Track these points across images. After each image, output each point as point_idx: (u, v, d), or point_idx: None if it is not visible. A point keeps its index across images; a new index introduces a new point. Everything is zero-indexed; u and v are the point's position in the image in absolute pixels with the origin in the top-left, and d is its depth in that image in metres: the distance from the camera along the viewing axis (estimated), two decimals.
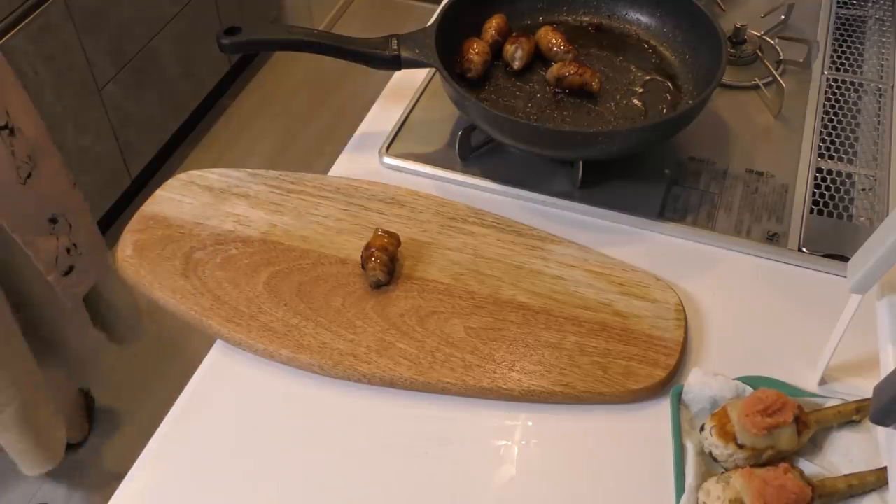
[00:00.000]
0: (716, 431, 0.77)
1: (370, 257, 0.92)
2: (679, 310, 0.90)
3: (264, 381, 0.88)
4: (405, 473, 0.80)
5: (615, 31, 1.21)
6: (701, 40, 1.10)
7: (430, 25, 1.09)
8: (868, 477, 0.75)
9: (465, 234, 0.99)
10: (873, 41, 1.28)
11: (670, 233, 1.01)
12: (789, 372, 0.85)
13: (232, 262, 0.96)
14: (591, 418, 0.84)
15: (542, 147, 1.04)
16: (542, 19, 1.22)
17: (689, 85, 1.12)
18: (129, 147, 2.34)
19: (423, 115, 1.17)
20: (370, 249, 0.92)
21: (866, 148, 1.10)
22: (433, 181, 1.09)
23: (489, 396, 0.85)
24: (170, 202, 1.03)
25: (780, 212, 1.03)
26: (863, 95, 1.19)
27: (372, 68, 1.08)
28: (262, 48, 1.14)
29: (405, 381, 0.85)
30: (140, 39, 2.26)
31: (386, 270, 0.91)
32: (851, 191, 1.05)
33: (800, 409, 0.77)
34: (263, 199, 1.03)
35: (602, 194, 1.05)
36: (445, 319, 0.90)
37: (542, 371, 0.85)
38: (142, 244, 0.98)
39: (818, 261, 0.97)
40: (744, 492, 0.72)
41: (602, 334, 0.88)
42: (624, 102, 1.11)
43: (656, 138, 1.05)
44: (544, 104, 1.11)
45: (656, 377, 0.84)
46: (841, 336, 0.79)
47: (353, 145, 1.15)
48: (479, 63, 1.11)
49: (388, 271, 0.92)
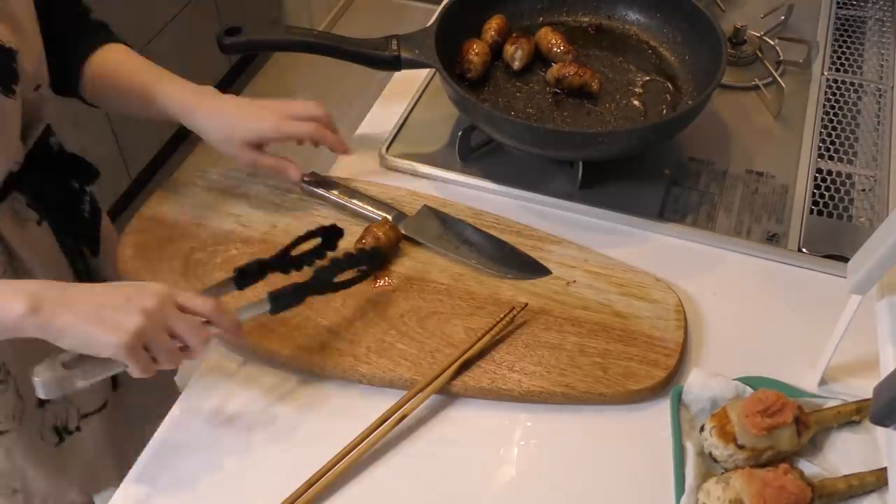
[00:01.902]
0: (716, 432, 0.77)
1: (363, 237, 0.94)
2: (679, 310, 0.90)
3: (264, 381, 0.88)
4: (405, 473, 0.80)
5: (615, 32, 1.21)
6: (701, 41, 1.10)
7: (430, 26, 1.09)
8: (868, 477, 0.75)
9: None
10: (873, 41, 1.28)
11: (670, 233, 1.01)
12: (789, 372, 0.85)
13: (232, 262, 0.95)
14: (592, 419, 0.84)
15: (542, 147, 1.04)
16: (541, 20, 1.22)
17: (688, 85, 1.12)
18: (129, 147, 2.33)
19: (423, 115, 1.17)
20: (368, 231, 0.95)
21: (866, 148, 1.10)
22: (433, 181, 1.08)
23: (489, 396, 0.85)
24: (170, 202, 1.03)
25: (780, 212, 1.02)
26: (863, 96, 1.19)
27: (372, 68, 1.08)
28: (262, 48, 1.14)
29: (405, 381, 0.85)
30: (140, 39, 2.26)
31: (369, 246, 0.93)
32: (851, 191, 1.05)
33: (800, 410, 0.77)
34: (263, 200, 1.03)
35: (602, 194, 1.05)
36: (445, 320, 0.90)
37: (542, 371, 0.85)
38: (142, 244, 0.98)
39: (818, 261, 0.97)
40: (744, 492, 0.71)
41: (602, 335, 0.88)
42: (624, 103, 1.11)
43: (656, 139, 1.05)
44: (544, 104, 1.11)
45: (656, 378, 0.84)
46: (841, 336, 0.79)
47: (353, 145, 1.14)
48: (478, 63, 1.11)
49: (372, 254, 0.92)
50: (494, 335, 0.87)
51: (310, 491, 0.77)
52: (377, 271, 0.93)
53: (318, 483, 0.78)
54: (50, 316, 0.70)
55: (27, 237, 0.91)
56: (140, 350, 0.72)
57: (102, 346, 0.71)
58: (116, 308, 0.71)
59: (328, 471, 0.78)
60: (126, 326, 0.70)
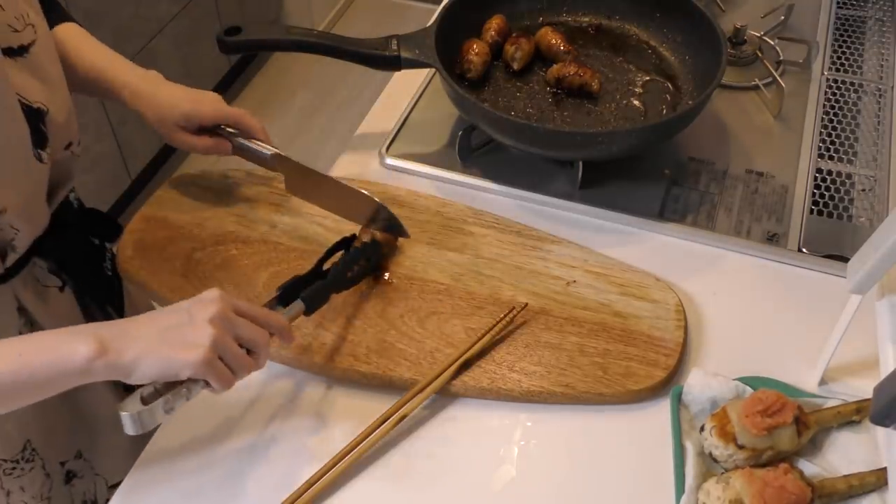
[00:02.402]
0: (716, 432, 0.77)
1: (360, 236, 0.95)
2: (679, 310, 0.90)
3: (264, 381, 0.88)
4: (405, 473, 0.80)
5: (615, 32, 1.21)
6: (701, 41, 1.10)
7: (430, 26, 1.09)
8: (868, 477, 0.75)
9: (464, 235, 0.99)
10: (873, 41, 1.28)
11: (670, 233, 1.01)
12: (789, 372, 0.85)
13: (232, 262, 0.96)
14: (591, 418, 0.84)
15: (542, 147, 1.04)
16: (541, 20, 1.22)
17: (688, 85, 1.12)
18: (129, 147, 2.33)
19: (423, 115, 1.17)
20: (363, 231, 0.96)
21: (866, 148, 1.10)
22: (433, 181, 1.08)
23: (489, 397, 0.85)
24: (170, 203, 1.03)
25: (780, 212, 1.02)
26: (863, 96, 1.18)
27: (372, 68, 1.08)
28: (262, 48, 1.14)
29: (405, 381, 0.85)
30: (140, 39, 2.26)
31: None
32: (851, 191, 1.05)
33: (800, 410, 0.77)
34: (263, 200, 1.03)
35: (602, 194, 1.05)
36: (445, 320, 0.90)
37: (542, 371, 0.85)
38: (142, 244, 0.98)
39: (818, 261, 0.97)
40: (744, 492, 0.71)
41: (602, 335, 0.88)
42: (624, 103, 1.11)
43: (656, 138, 1.05)
44: (544, 104, 1.11)
45: (656, 377, 0.84)
46: (841, 336, 0.79)
47: (353, 145, 1.15)
48: (478, 63, 1.11)
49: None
50: (494, 335, 0.87)
51: (310, 491, 0.77)
52: (379, 261, 0.94)
53: (318, 483, 0.78)
54: (118, 353, 0.67)
55: (50, 307, 0.90)
56: (217, 362, 0.69)
57: (181, 368, 0.68)
58: (182, 326, 0.69)
59: (328, 471, 0.78)
60: (199, 341, 0.68)
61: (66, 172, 0.89)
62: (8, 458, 0.91)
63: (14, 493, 0.93)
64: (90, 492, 1.02)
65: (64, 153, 0.86)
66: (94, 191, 2.23)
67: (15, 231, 0.81)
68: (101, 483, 1.03)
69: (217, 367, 0.69)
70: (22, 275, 0.86)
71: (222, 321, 0.70)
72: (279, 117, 2.74)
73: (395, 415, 0.81)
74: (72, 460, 0.99)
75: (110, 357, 0.67)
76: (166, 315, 0.71)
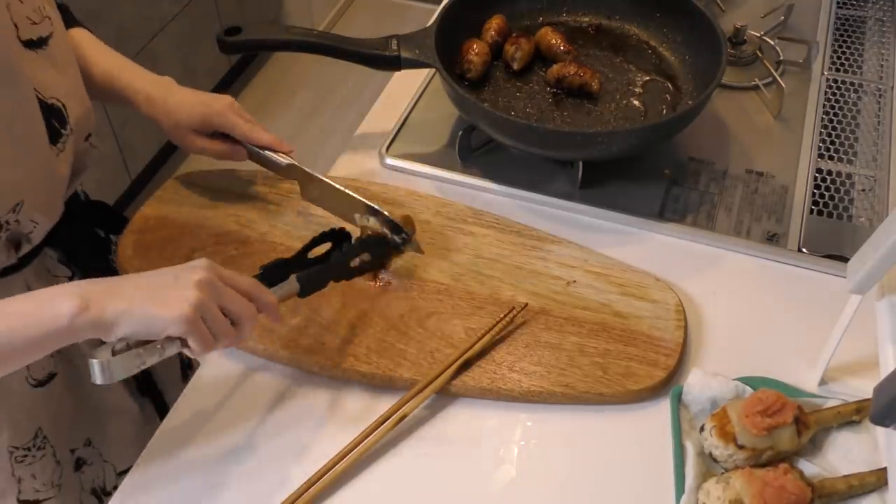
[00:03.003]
0: (716, 432, 0.77)
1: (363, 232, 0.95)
2: (679, 310, 0.90)
3: (264, 381, 0.88)
4: (405, 473, 0.80)
5: (615, 32, 1.21)
6: (700, 41, 1.10)
7: (430, 26, 1.09)
8: (868, 477, 0.75)
9: (465, 235, 0.99)
10: (873, 41, 1.28)
11: (670, 233, 1.01)
12: (789, 372, 0.85)
13: (232, 262, 0.95)
14: (591, 418, 0.84)
15: (542, 147, 1.04)
16: (541, 20, 1.22)
17: (688, 85, 1.12)
18: (129, 147, 2.33)
19: (423, 115, 1.17)
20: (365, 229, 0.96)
21: (866, 148, 1.10)
22: (433, 181, 1.09)
23: (489, 396, 0.85)
24: (170, 202, 1.03)
25: (780, 212, 1.02)
26: (863, 96, 1.18)
27: (372, 68, 1.08)
28: (262, 48, 1.14)
29: (405, 381, 0.85)
30: (140, 39, 2.26)
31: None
32: (851, 191, 1.05)
33: (800, 410, 0.77)
34: (263, 200, 1.03)
35: (602, 194, 1.05)
36: (445, 320, 0.90)
37: (542, 371, 0.85)
38: (142, 244, 0.98)
39: (818, 261, 0.97)
40: (744, 492, 0.71)
41: (602, 335, 0.88)
42: (624, 103, 1.11)
43: (656, 138, 1.05)
44: (544, 104, 1.11)
45: (656, 377, 0.84)
46: (841, 336, 0.79)
47: (353, 145, 1.15)
48: (478, 63, 1.11)
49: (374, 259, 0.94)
50: (494, 335, 0.87)
51: (310, 491, 0.77)
52: (383, 258, 0.94)
53: (319, 483, 0.78)
54: (101, 309, 0.66)
55: None
56: (200, 323, 0.69)
57: (164, 325, 0.68)
58: (168, 286, 0.69)
59: (328, 471, 0.78)
60: (184, 300, 0.68)
61: (81, 163, 0.90)
62: (20, 446, 0.91)
63: (25, 480, 0.94)
64: (99, 478, 1.03)
65: (84, 144, 0.88)
66: (95, 190, 2.21)
67: (34, 224, 0.82)
68: (110, 470, 1.03)
69: (199, 326, 0.69)
70: (34, 265, 0.86)
71: (209, 286, 0.70)
72: (279, 117, 2.74)
73: (396, 415, 0.81)
74: (81, 448, 1.00)
75: (92, 312, 0.66)
76: (153, 276, 0.71)
